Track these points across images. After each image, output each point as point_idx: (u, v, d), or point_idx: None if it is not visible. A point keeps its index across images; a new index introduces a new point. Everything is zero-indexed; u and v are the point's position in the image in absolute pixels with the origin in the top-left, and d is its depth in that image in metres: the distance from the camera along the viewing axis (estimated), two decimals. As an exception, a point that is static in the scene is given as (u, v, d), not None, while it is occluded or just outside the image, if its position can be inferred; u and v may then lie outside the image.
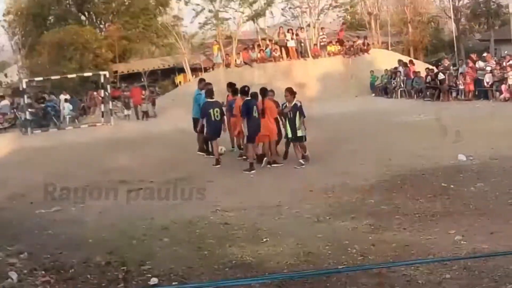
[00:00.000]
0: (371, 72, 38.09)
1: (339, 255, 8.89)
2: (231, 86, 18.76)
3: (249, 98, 16.77)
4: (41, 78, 36.16)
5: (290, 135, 16.69)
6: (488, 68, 29.29)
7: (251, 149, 16.75)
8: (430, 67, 36.15)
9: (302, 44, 40.81)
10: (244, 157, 17.66)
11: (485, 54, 32.47)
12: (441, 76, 31.62)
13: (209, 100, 17.69)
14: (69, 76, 36.67)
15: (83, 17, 49.72)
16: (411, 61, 37.97)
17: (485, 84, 29.05)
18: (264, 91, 17.11)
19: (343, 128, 23.09)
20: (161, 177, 16.15)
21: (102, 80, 34.73)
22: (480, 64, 30.33)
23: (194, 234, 10.49)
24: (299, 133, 16.42)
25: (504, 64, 29.14)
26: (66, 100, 35.90)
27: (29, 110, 32.75)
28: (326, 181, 14.27)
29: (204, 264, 8.80)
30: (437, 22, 53.59)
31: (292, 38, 40.31)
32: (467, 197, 11.96)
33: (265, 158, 16.79)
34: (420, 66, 37.41)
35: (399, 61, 37.61)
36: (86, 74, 37.06)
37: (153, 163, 18.49)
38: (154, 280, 8.10)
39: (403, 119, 24.59)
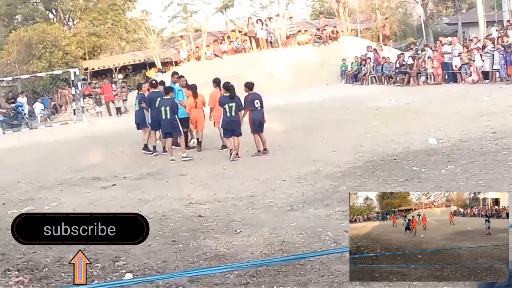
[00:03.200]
0: (343, 60, 38.15)
1: (313, 243, 8.96)
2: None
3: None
4: (10, 78, 35.89)
5: None
6: (456, 52, 29.49)
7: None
8: (399, 52, 36.38)
9: (272, 34, 40.81)
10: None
11: (450, 38, 32.65)
12: (410, 61, 31.79)
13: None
14: (39, 74, 36.44)
15: (50, 15, 49.27)
16: (380, 47, 38.17)
17: (454, 67, 29.26)
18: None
19: (314, 116, 23.15)
20: (134, 172, 16.19)
21: (72, 77, 34.56)
22: (447, 47, 30.50)
23: (168, 228, 10.50)
24: None
25: (471, 46, 29.35)
26: (34, 101, 35.81)
27: (0, 110, 32.52)
28: (299, 169, 14.36)
29: (178, 257, 8.84)
30: (405, 8, 53.74)
31: (261, 29, 40.30)
32: (438, 180, 12.07)
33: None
34: (390, 52, 37.60)
35: (368, 47, 37.71)
36: (56, 72, 36.80)
37: (126, 159, 18.49)
38: (128, 276, 8.11)
39: (373, 105, 24.73)
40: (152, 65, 44.38)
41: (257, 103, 16.73)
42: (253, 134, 16.90)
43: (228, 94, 16.67)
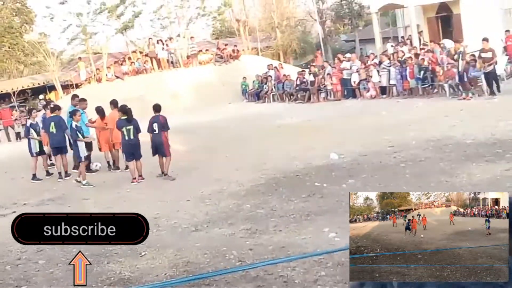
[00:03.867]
0: (244, 78, 38.37)
1: (217, 262, 9.01)
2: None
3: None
4: None
5: None
6: (354, 68, 30.20)
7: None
8: (300, 69, 36.92)
9: (173, 55, 40.74)
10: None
11: (348, 55, 33.44)
12: (310, 78, 32.33)
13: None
14: None
15: None
16: (280, 65, 38.68)
17: (352, 83, 29.93)
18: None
19: (217, 135, 23.20)
20: (36, 198, 15.84)
21: (-33, 103, 33.69)
22: (345, 64, 31.20)
23: (71, 255, 10.29)
24: None
25: (368, 62, 30.12)
26: None
27: None
28: (202, 189, 14.37)
29: (82, 283, 8.67)
30: (304, 26, 54.70)
31: (162, 49, 40.21)
32: (339, 195, 12.29)
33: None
34: (290, 70, 38.14)
35: (269, 65, 38.09)
36: (-52, 98, 35.83)
37: (27, 185, 18.04)
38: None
39: (276, 123, 24.97)
40: (52, 88, 43.57)
41: (155, 126, 16.61)
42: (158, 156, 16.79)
43: (125, 117, 16.53)
